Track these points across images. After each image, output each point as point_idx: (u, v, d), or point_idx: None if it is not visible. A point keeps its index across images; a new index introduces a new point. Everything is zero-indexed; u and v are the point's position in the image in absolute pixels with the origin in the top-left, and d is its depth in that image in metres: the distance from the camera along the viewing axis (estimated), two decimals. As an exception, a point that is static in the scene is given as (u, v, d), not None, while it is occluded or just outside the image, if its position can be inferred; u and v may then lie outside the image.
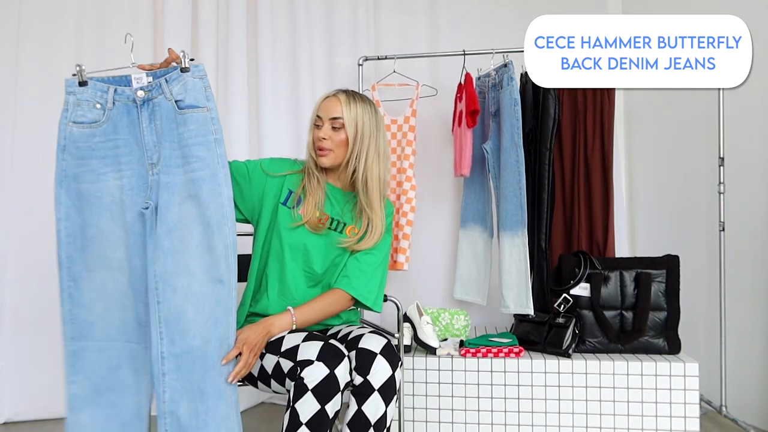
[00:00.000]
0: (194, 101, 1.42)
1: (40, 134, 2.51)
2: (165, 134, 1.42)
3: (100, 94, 1.43)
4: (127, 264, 1.44)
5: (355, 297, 1.65)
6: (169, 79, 1.43)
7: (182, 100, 1.42)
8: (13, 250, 2.46)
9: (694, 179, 2.50)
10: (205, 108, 1.43)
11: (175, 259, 1.40)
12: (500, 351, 2.07)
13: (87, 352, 1.44)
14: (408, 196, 2.42)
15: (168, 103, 1.42)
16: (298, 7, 2.70)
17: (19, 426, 2.41)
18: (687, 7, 2.54)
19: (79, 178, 1.43)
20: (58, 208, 1.42)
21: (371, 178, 1.64)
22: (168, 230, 1.40)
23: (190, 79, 1.43)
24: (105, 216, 1.42)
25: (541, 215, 2.28)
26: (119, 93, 1.44)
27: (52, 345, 2.50)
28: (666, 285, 2.11)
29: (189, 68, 1.43)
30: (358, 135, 1.62)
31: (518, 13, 2.79)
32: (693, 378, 1.96)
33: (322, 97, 1.67)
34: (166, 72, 1.45)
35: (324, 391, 1.36)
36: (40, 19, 2.53)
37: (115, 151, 1.42)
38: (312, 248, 1.64)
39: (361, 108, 1.64)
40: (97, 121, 1.43)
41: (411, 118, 2.46)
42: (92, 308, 1.44)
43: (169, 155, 1.42)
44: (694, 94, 2.50)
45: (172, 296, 1.39)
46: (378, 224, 1.66)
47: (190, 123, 1.41)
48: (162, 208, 1.41)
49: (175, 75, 1.43)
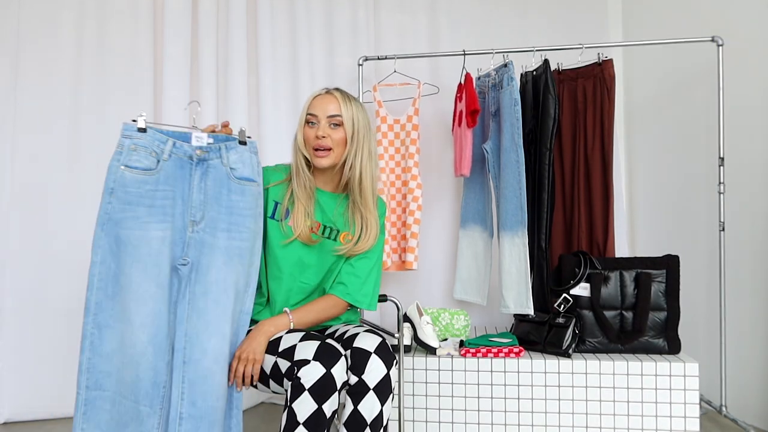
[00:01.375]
0: (249, 174, 1.52)
1: (41, 134, 2.52)
2: (213, 196, 1.47)
3: (157, 143, 1.44)
4: (152, 320, 1.39)
5: (350, 303, 1.66)
6: (228, 146, 1.50)
7: (236, 170, 1.50)
8: (13, 251, 2.46)
9: (694, 179, 2.50)
10: (257, 183, 1.53)
11: (207, 320, 1.42)
12: (500, 351, 2.07)
13: (100, 401, 1.39)
14: (414, 195, 2.43)
15: (223, 168, 1.49)
16: (298, 7, 2.71)
17: (19, 426, 2.41)
18: (687, 7, 2.55)
19: (121, 224, 1.40)
20: (95, 251, 1.39)
21: (366, 177, 1.64)
22: (205, 291, 1.43)
23: (247, 153, 1.52)
24: (138, 267, 1.40)
25: (541, 215, 2.28)
26: (177, 147, 1.46)
27: (52, 345, 2.50)
28: (666, 285, 2.11)
29: (246, 142, 1.52)
30: (355, 133, 1.61)
31: (518, 13, 2.79)
32: (693, 378, 1.96)
33: (313, 96, 1.65)
34: (227, 139, 1.51)
35: (321, 391, 1.36)
36: (39, 19, 2.53)
37: (162, 202, 1.43)
38: (307, 261, 1.64)
39: (356, 107, 1.63)
40: (150, 169, 1.43)
41: (414, 116, 2.46)
42: (111, 360, 1.40)
43: (216, 218, 1.47)
44: (695, 94, 2.50)
45: (201, 358, 1.39)
46: (373, 223, 1.66)
47: (245, 194, 1.50)
48: (203, 268, 1.44)
49: (233, 144, 1.51)
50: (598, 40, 2.68)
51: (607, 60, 2.36)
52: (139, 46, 2.61)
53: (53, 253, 2.51)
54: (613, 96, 2.35)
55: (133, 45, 2.61)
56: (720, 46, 2.22)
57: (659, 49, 2.66)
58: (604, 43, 2.44)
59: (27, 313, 2.47)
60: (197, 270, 1.44)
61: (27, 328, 2.47)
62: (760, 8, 2.22)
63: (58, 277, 2.51)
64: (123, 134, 1.41)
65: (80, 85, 2.56)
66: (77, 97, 2.55)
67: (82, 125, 2.56)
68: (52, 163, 2.52)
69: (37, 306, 2.48)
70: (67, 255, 2.51)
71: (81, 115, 2.55)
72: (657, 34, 2.67)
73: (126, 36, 2.61)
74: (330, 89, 1.65)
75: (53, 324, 2.50)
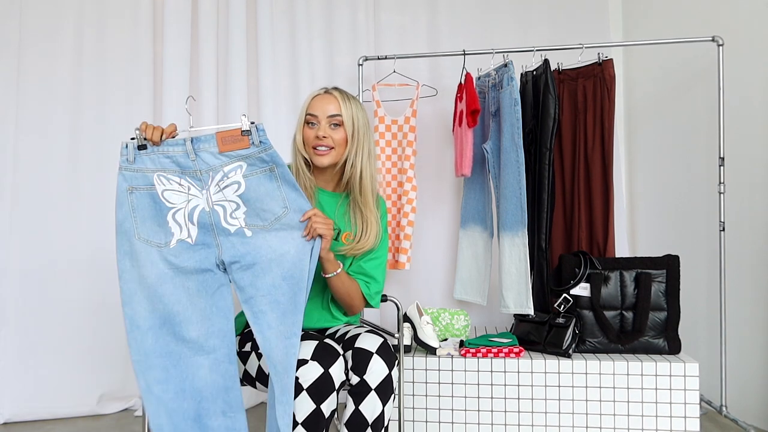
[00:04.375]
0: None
1: (42, 135, 2.52)
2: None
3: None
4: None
5: (365, 296, 1.66)
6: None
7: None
8: (14, 251, 2.46)
9: (694, 179, 2.50)
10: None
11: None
12: (500, 351, 2.07)
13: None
14: (409, 197, 2.43)
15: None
16: (298, 7, 2.70)
17: (19, 426, 2.41)
18: (687, 7, 2.55)
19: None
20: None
21: (366, 176, 1.63)
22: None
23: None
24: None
25: (541, 215, 2.28)
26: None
27: (53, 346, 2.51)
28: (666, 285, 2.11)
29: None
30: (355, 132, 1.61)
31: (518, 14, 2.79)
32: (693, 378, 1.96)
33: (312, 96, 1.64)
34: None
35: (319, 391, 1.36)
36: (41, 20, 2.53)
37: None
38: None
39: (355, 106, 1.63)
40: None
41: (411, 118, 2.46)
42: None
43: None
44: (695, 94, 2.50)
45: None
46: (373, 222, 1.65)
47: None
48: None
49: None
50: (598, 40, 2.68)
51: (607, 60, 2.36)
52: (139, 47, 2.61)
53: (54, 254, 2.51)
54: (614, 96, 2.35)
55: (133, 45, 2.61)
56: (720, 46, 2.22)
57: (659, 49, 2.66)
58: (604, 43, 2.44)
59: (27, 313, 2.47)
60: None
61: (27, 329, 2.47)
62: (760, 8, 2.22)
63: (59, 277, 2.51)
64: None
65: (81, 85, 2.56)
66: (78, 98, 2.55)
67: (83, 125, 2.56)
68: (53, 163, 2.52)
69: (38, 306, 2.48)
70: (69, 255, 2.51)
71: (81, 115, 2.55)
72: (657, 34, 2.67)
73: (126, 36, 2.61)
74: (329, 89, 1.64)
75: (54, 324, 2.50)
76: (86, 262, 2.53)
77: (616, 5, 2.85)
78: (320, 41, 2.74)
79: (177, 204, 1.43)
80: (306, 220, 1.46)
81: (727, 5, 2.35)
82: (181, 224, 1.42)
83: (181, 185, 1.43)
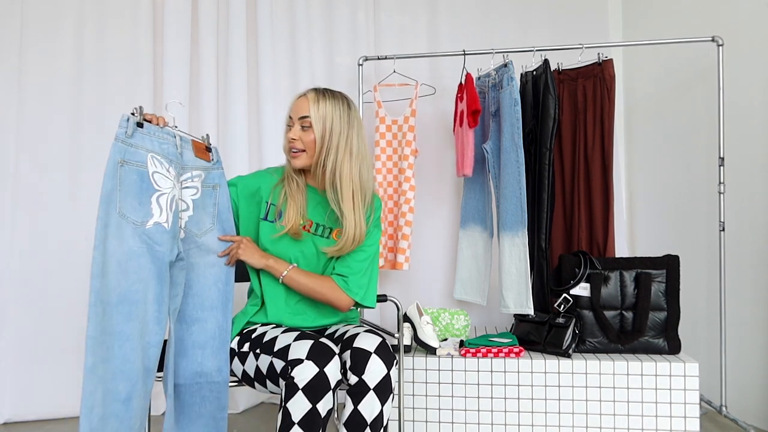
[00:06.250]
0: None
1: (42, 135, 2.52)
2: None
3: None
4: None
5: (343, 290, 1.62)
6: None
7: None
8: (14, 251, 2.46)
9: (694, 179, 2.50)
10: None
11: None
12: (500, 351, 2.07)
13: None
14: (407, 197, 2.43)
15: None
16: (298, 7, 2.71)
17: (19, 426, 2.41)
18: (687, 7, 2.55)
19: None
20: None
21: (342, 176, 1.59)
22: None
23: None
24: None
25: (541, 215, 2.28)
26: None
27: (53, 346, 2.50)
28: (666, 285, 2.11)
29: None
30: (326, 133, 1.58)
31: (518, 14, 2.79)
32: (693, 378, 1.96)
33: (295, 97, 1.64)
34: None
35: (314, 390, 1.36)
36: (42, 21, 2.53)
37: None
38: (300, 261, 1.65)
39: (331, 105, 1.59)
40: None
41: (410, 118, 2.46)
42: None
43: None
44: (695, 94, 2.50)
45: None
46: (353, 222, 1.61)
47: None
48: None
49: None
50: (598, 40, 2.68)
51: (607, 60, 2.36)
52: (139, 47, 2.61)
53: (54, 254, 2.51)
54: (613, 96, 2.35)
55: (133, 45, 2.61)
56: (720, 46, 2.22)
57: (659, 49, 2.66)
58: (604, 43, 2.44)
59: (27, 313, 2.47)
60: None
61: (27, 329, 2.47)
62: (760, 8, 2.22)
63: (59, 277, 2.51)
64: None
65: (81, 85, 2.56)
66: (78, 98, 2.55)
67: (83, 125, 2.56)
68: (53, 163, 2.52)
69: (38, 306, 2.48)
70: (68, 255, 2.51)
71: (81, 115, 2.55)
72: (657, 34, 2.67)
73: (126, 36, 2.61)
74: (309, 90, 1.63)
75: (53, 324, 2.50)
76: (86, 262, 2.53)
77: (616, 5, 2.85)
78: (320, 41, 2.74)
79: (163, 188, 1.46)
80: (227, 240, 1.60)
81: (727, 5, 2.36)
82: (163, 208, 1.45)
83: (168, 172, 1.47)
